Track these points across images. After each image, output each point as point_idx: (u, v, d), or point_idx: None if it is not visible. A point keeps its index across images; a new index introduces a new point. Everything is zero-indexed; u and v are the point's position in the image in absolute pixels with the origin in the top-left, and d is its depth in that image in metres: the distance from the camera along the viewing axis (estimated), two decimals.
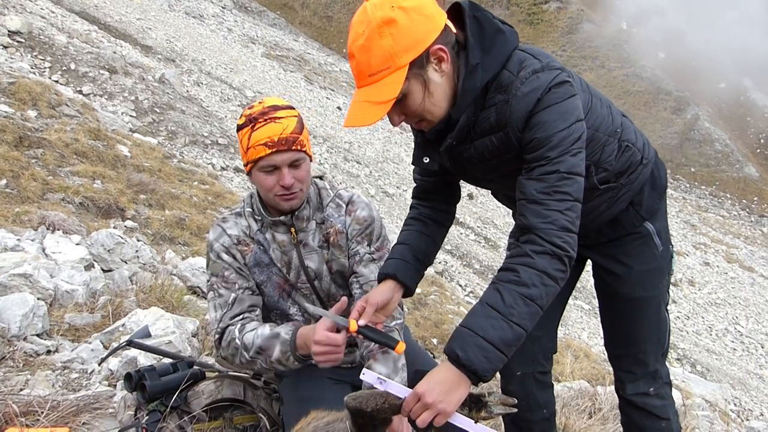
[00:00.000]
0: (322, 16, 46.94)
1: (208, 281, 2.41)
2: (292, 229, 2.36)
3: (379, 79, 1.65)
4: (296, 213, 2.33)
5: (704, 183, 38.57)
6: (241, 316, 2.34)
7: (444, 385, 1.62)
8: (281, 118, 2.19)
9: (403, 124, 1.86)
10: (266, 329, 2.25)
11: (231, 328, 2.31)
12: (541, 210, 1.67)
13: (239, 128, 2.24)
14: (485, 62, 1.75)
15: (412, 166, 2.23)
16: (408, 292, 2.08)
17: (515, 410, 1.70)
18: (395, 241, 2.21)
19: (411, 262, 2.09)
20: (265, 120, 2.17)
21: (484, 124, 1.83)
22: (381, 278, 2.08)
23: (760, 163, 40.45)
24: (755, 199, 37.33)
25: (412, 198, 2.30)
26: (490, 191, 2.31)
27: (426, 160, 1.98)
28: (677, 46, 45.89)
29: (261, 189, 2.29)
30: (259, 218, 2.39)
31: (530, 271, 1.64)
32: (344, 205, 2.44)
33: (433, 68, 1.71)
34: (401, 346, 1.89)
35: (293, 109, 2.27)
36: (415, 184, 2.28)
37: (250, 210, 2.42)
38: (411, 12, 1.62)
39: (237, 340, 2.28)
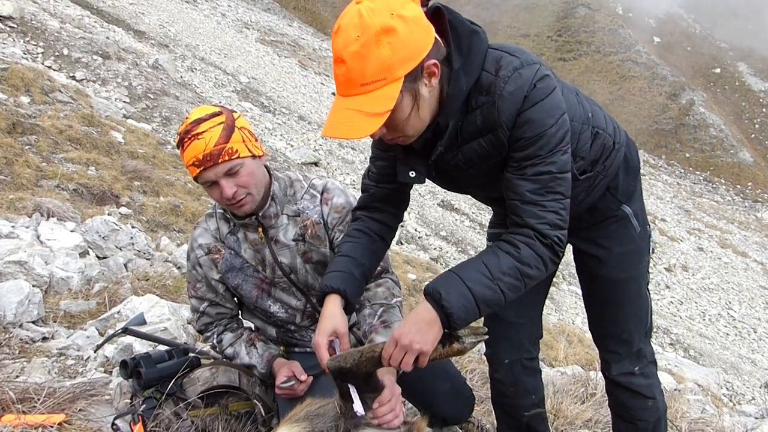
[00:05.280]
0: (317, 0, 46.61)
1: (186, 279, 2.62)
2: (260, 229, 2.37)
3: (372, 90, 1.56)
4: (261, 212, 2.34)
5: (699, 168, 38.63)
6: (213, 325, 2.58)
7: (418, 325, 1.67)
8: (203, 132, 2.14)
9: None
10: (243, 354, 2.51)
11: (208, 335, 2.58)
12: (536, 211, 1.71)
13: (177, 147, 2.26)
14: (466, 65, 1.72)
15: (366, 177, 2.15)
16: (348, 309, 2.00)
17: (486, 337, 1.75)
18: (337, 252, 2.08)
19: (358, 278, 2.01)
20: (189, 138, 2.15)
21: (471, 127, 1.79)
22: (324, 290, 1.97)
23: (755, 149, 40.53)
24: (749, 184, 37.44)
25: (358, 209, 2.17)
26: (469, 195, 2.26)
27: (412, 174, 1.88)
28: (672, 30, 45.77)
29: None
30: (230, 218, 2.42)
31: (531, 252, 1.70)
32: (319, 195, 2.44)
33: (424, 83, 1.64)
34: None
35: (220, 114, 2.19)
36: (365, 193, 2.16)
37: (222, 211, 2.45)
38: (410, 22, 1.55)
39: (217, 348, 2.60)
